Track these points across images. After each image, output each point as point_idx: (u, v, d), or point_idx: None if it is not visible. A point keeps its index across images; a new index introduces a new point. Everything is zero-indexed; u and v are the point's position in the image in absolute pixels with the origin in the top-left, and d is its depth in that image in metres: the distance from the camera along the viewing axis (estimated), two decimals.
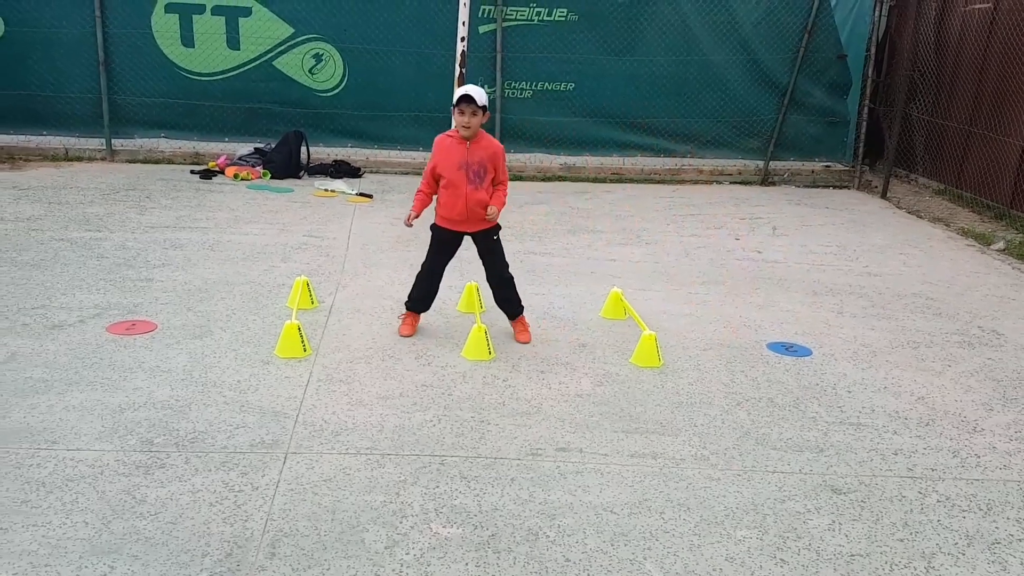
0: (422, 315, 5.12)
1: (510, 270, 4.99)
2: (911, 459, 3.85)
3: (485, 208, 4.75)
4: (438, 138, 4.83)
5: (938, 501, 3.52)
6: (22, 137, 9.53)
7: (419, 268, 5.03)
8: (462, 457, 3.65)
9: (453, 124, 4.75)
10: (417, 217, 4.82)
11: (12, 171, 8.81)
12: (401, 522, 3.16)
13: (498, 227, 4.93)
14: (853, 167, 10.62)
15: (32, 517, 3.05)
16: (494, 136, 9.85)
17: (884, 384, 4.67)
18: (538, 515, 3.25)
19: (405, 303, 5.07)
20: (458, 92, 4.65)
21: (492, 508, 3.28)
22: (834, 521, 3.33)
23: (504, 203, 4.83)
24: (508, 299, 5.02)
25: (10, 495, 3.17)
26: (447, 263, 5.01)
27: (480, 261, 4.98)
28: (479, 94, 4.62)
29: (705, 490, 3.49)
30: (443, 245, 4.94)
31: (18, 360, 4.33)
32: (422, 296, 5.02)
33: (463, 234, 4.90)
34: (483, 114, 4.67)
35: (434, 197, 4.90)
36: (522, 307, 5.06)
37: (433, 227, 4.95)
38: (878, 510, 3.42)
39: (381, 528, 3.11)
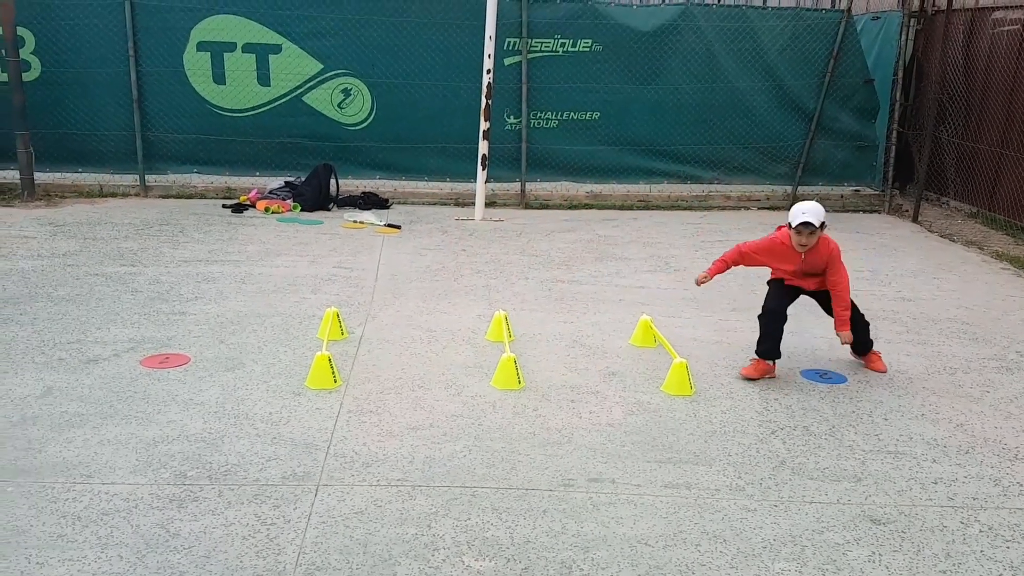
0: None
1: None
2: (951, 488, 3.77)
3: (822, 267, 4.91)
4: (776, 240, 4.97)
5: (980, 531, 3.43)
6: (58, 174, 9.72)
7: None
8: (493, 488, 3.63)
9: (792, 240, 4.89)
10: (708, 280, 5.09)
11: (48, 208, 8.99)
12: (433, 555, 3.14)
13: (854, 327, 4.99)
14: (883, 191, 10.52)
15: (68, 551, 3.07)
16: (520, 165, 9.99)
17: (921, 411, 4.59)
18: (571, 548, 3.21)
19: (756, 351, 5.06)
20: (798, 216, 4.74)
21: (524, 540, 3.25)
22: (874, 552, 3.26)
23: (846, 320, 4.94)
24: (860, 343, 5.10)
25: (46, 529, 3.20)
26: (788, 305, 5.09)
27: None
28: (816, 213, 4.74)
29: (741, 521, 3.43)
30: (778, 288, 5.12)
31: (54, 394, 4.39)
32: (764, 338, 5.02)
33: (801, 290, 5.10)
34: (821, 230, 4.80)
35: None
36: (868, 345, 5.13)
37: (770, 280, 5.19)
38: (919, 541, 3.35)
39: (413, 561, 3.10)
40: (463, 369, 4.95)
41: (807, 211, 4.74)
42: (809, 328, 5.88)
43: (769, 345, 4.96)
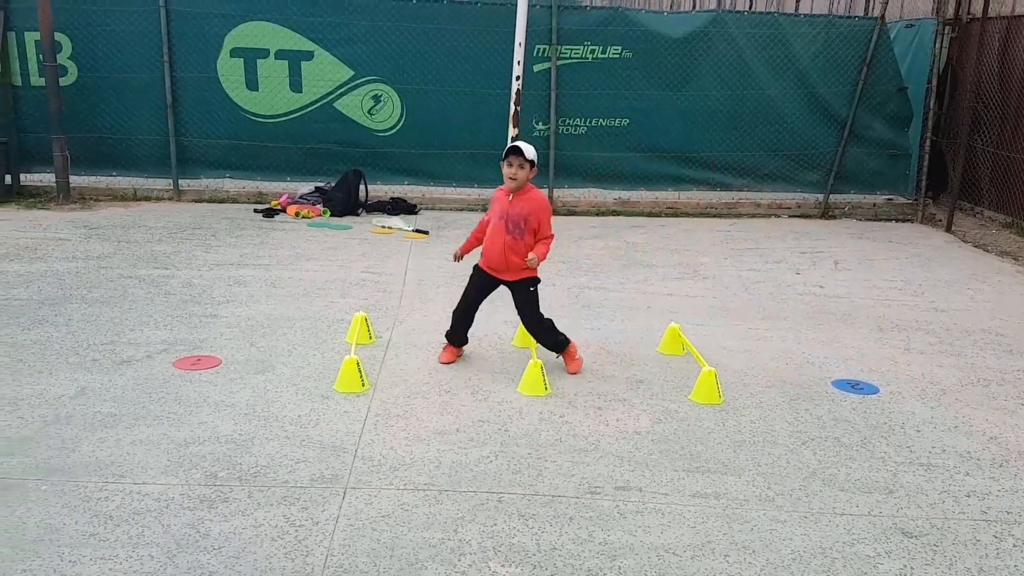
0: (465, 348, 5.25)
1: (547, 316, 5.07)
2: (985, 501, 3.71)
3: (522, 259, 4.82)
4: (496, 191, 4.97)
5: (1015, 545, 3.37)
6: (93, 178, 9.88)
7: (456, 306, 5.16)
8: (519, 494, 3.62)
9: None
10: (462, 255, 5.11)
11: (83, 211, 9.14)
12: (459, 560, 3.14)
13: (536, 280, 4.97)
14: (916, 200, 10.40)
15: (100, 550, 3.11)
16: (547, 171, 9.99)
17: (955, 423, 4.52)
18: (598, 555, 3.20)
19: (446, 334, 5.19)
20: (508, 146, 4.76)
21: (551, 547, 3.24)
22: (906, 566, 3.21)
23: (545, 255, 4.87)
24: (548, 346, 5.07)
25: (79, 528, 3.25)
26: (480, 302, 5.10)
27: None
28: (527, 148, 4.71)
29: (771, 532, 3.40)
30: (476, 286, 5.06)
31: (88, 395, 4.45)
32: (456, 332, 5.14)
33: (500, 281, 4.99)
34: (530, 168, 4.75)
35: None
36: (564, 343, 5.05)
37: (475, 267, 5.09)
38: (952, 555, 3.30)
39: (440, 566, 3.10)
40: (490, 374, 4.95)
41: (519, 143, 4.71)
42: (840, 337, 5.82)
43: (458, 332, 5.12)
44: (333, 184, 9.73)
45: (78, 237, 7.89)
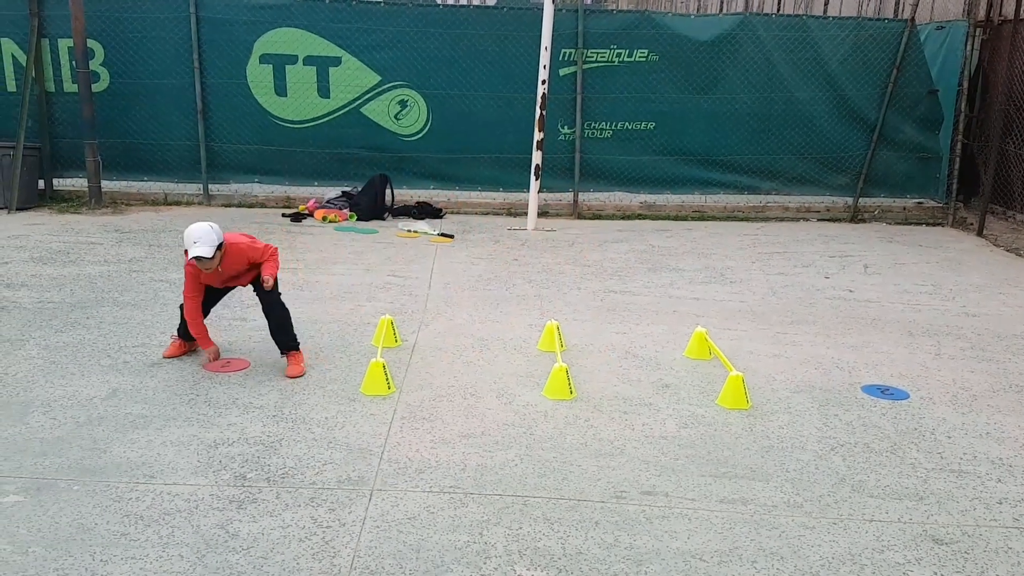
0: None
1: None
2: (1017, 508, 3.66)
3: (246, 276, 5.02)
4: (188, 269, 4.88)
5: None
6: (124, 183, 10.02)
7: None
8: (545, 498, 3.62)
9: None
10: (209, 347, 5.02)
11: (115, 215, 9.27)
12: (485, 563, 3.15)
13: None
14: (947, 204, 10.27)
15: (130, 550, 3.16)
16: (573, 175, 9.99)
17: (986, 429, 4.46)
18: (624, 560, 3.19)
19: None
20: (192, 249, 4.69)
21: (576, 552, 3.24)
22: (936, 573, 3.17)
23: (275, 271, 5.02)
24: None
25: (110, 528, 3.29)
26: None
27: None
28: (207, 248, 4.67)
29: (799, 539, 3.37)
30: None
31: (119, 396, 4.52)
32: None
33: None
34: (220, 252, 4.78)
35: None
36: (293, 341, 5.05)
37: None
38: (983, 562, 3.25)
39: (465, 568, 3.11)
40: (515, 378, 4.96)
41: (198, 240, 4.67)
42: (870, 342, 5.76)
43: (184, 327, 5.06)
44: (360, 189, 9.79)
45: (110, 241, 8.01)
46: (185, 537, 3.24)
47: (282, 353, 5.03)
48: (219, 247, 4.78)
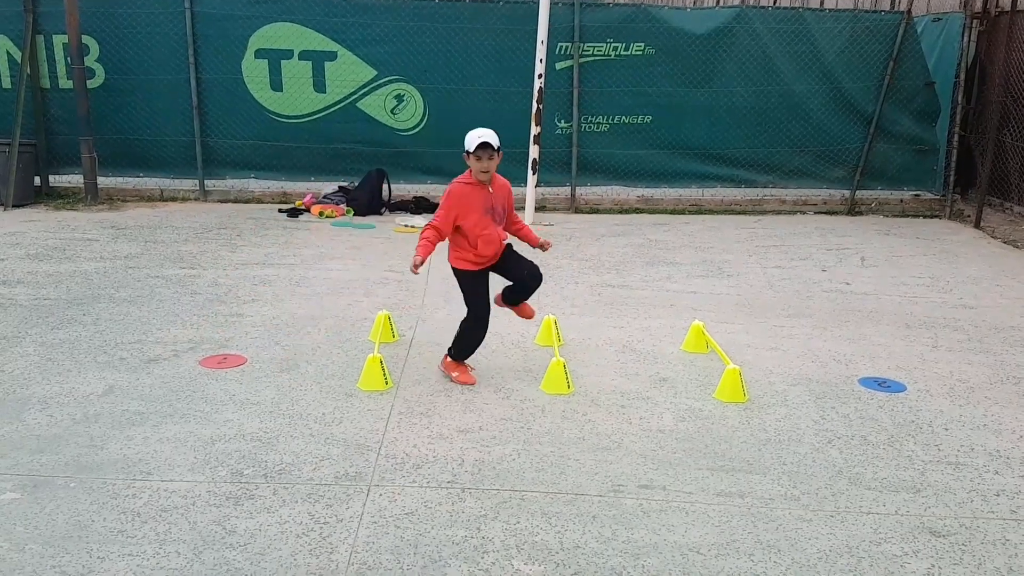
0: (487, 347, 5.09)
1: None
2: (1015, 500, 3.66)
3: (502, 243, 4.77)
4: (455, 187, 4.68)
5: None
6: (120, 179, 10.00)
7: (466, 319, 4.83)
8: (542, 492, 3.62)
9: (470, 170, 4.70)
10: (422, 262, 4.47)
11: (111, 211, 9.25)
12: (483, 558, 3.15)
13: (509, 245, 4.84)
14: (944, 196, 10.27)
15: (127, 546, 3.15)
16: (570, 169, 9.98)
17: (984, 421, 4.46)
18: (621, 554, 3.19)
19: (454, 354, 4.84)
20: (475, 138, 4.54)
21: (574, 546, 3.24)
22: (933, 565, 3.17)
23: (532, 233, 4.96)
24: (529, 291, 4.89)
25: (107, 524, 3.29)
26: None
27: (507, 275, 4.87)
28: (495, 138, 4.59)
29: (796, 531, 3.37)
30: (484, 286, 4.80)
31: (116, 393, 4.51)
32: (475, 345, 4.85)
33: (490, 269, 4.83)
34: (498, 155, 4.64)
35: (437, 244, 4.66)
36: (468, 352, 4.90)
37: (466, 274, 4.75)
38: (980, 554, 3.25)
39: (463, 563, 3.11)
40: (512, 373, 4.95)
41: (483, 134, 4.52)
42: (867, 335, 5.77)
43: (473, 351, 4.87)
44: (356, 184, 9.78)
45: (106, 237, 7.99)
46: (182, 534, 3.24)
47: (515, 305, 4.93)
48: (499, 150, 4.58)
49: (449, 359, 4.87)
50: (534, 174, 9.14)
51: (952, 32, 10.11)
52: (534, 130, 9.00)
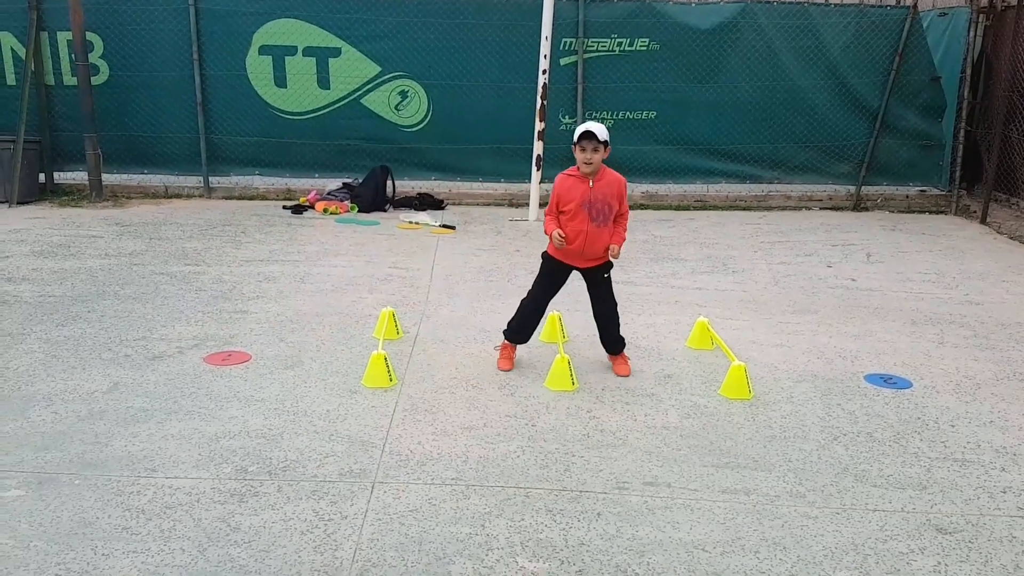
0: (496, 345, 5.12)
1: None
2: (1022, 497, 3.64)
3: (604, 248, 4.66)
4: (559, 177, 4.74)
5: None
6: (125, 176, 10.01)
7: (524, 296, 4.94)
8: (547, 490, 3.61)
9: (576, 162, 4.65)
10: (563, 236, 4.61)
11: (115, 208, 9.26)
12: (487, 555, 3.14)
13: (610, 265, 4.78)
14: (950, 192, 10.23)
15: (132, 543, 3.15)
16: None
17: (990, 418, 4.44)
18: (626, 551, 3.18)
19: (504, 331, 4.99)
20: (580, 129, 4.52)
21: (579, 543, 3.23)
22: (940, 562, 3.16)
23: (624, 239, 4.72)
24: (615, 338, 4.91)
25: (112, 521, 3.29)
26: (553, 296, 4.90)
27: (588, 296, 4.87)
28: (600, 130, 4.48)
29: (802, 529, 3.36)
30: (552, 276, 4.81)
31: (120, 390, 4.51)
32: (522, 327, 4.91)
33: (572, 268, 4.79)
34: (604, 150, 4.54)
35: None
36: (624, 343, 4.94)
37: (545, 256, 4.85)
38: (987, 551, 3.24)
39: (467, 561, 3.10)
40: (516, 370, 4.94)
41: (591, 125, 4.49)
42: (873, 331, 5.75)
43: (523, 333, 4.91)
44: (361, 180, 9.78)
45: (111, 234, 8.00)
46: (187, 531, 3.24)
47: (610, 355, 4.93)
48: (606, 144, 4.51)
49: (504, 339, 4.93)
50: (538, 170, 9.12)
51: (958, 27, 10.07)
52: (538, 126, 8.99)
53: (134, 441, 3.94)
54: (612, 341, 4.92)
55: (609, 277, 4.82)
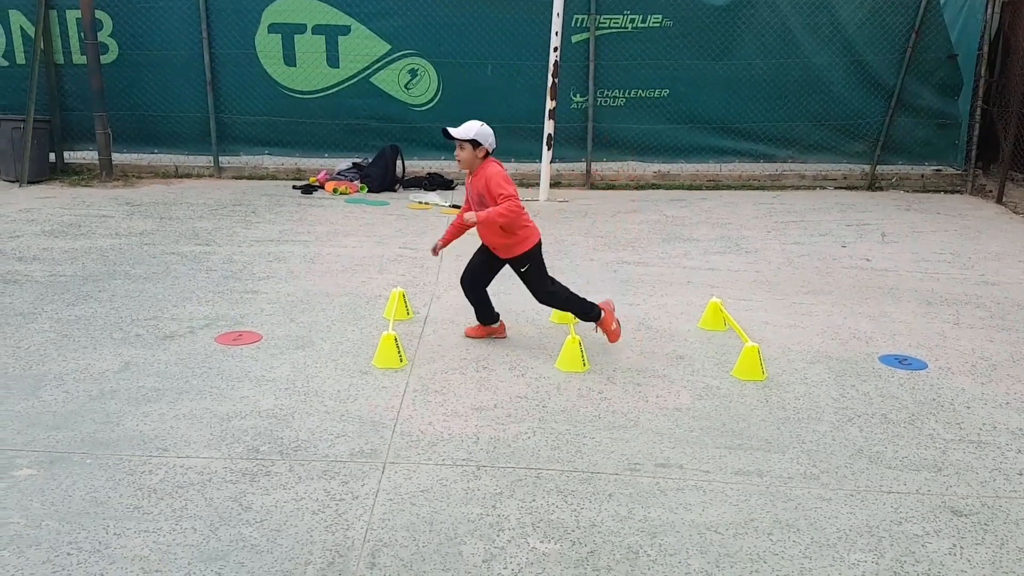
0: (502, 325, 5.14)
1: (562, 285, 4.91)
2: None
3: (500, 242, 4.75)
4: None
5: None
6: (134, 155, 10.00)
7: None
8: (558, 471, 3.60)
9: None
10: (441, 248, 5.03)
11: (126, 188, 9.25)
12: (498, 535, 3.13)
13: (527, 259, 4.77)
14: (965, 171, 10.11)
15: (144, 523, 3.16)
16: (585, 144, 9.88)
17: (1006, 399, 4.39)
18: (638, 533, 3.16)
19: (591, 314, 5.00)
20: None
21: (590, 524, 3.21)
22: (955, 545, 3.13)
23: (490, 218, 4.60)
24: (576, 315, 4.92)
25: (123, 501, 3.29)
26: (484, 277, 4.97)
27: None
28: (460, 129, 4.60)
29: (816, 510, 3.34)
30: (477, 258, 5.00)
31: (131, 370, 4.51)
32: (475, 310, 5.07)
33: (500, 260, 4.87)
34: (473, 147, 4.61)
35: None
36: (592, 314, 4.87)
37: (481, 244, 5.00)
38: (1003, 534, 3.21)
39: (479, 541, 3.09)
40: (527, 350, 4.92)
41: (464, 125, 4.62)
42: (887, 312, 5.69)
43: (479, 313, 5.02)
44: (370, 160, 9.73)
45: (121, 214, 8.00)
46: (198, 510, 3.24)
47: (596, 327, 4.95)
48: (473, 143, 4.60)
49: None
50: (549, 149, 9.05)
51: (975, 3, 9.89)
52: (549, 104, 8.91)
53: (145, 420, 3.94)
54: (579, 318, 4.93)
55: (528, 270, 4.81)
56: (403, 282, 6.00)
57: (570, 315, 5.27)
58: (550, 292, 4.86)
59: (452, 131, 4.62)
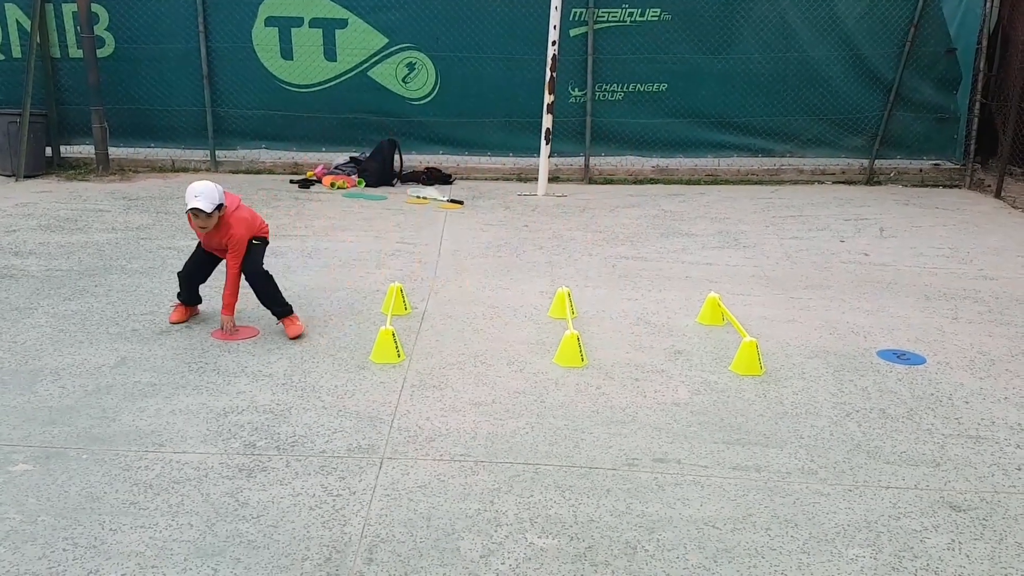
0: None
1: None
2: None
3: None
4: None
5: None
6: (131, 149, 9.96)
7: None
8: (556, 466, 3.59)
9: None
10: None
11: (122, 182, 9.22)
12: (496, 531, 3.12)
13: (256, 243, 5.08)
14: (964, 165, 10.10)
15: (140, 518, 3.14)
16: (584, 139, 9.85)
17: (1005, 394, 4.39)
18: (636, 528, 3.16)
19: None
20: (190, 201, 4.66)
21: (588, 519, 3.20)
22: (953, 540, 3.13)
23: (229, 302, 4.92)
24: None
25: (119, 496, 3.28)
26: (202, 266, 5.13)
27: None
28: (209, 199, 4.66)
29: (814, 506, 3.33)
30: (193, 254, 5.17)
31: (128, 364, 4.50)
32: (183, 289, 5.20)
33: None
34: (218, 213, 4.76)
35: None
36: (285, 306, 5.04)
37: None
38: (1002, 529, 3.20)
39: (476, 536, 3.08)
40: (525, 346, 4.91)
41: (199, 194, 4.63)
42: (886, 307, 5.69)
43: (184, 292, 5.16)
44: (368, 154, 9.70)
45: (118, 208, 7.97)
46: (195, 506, 3.23)
47: (278, 320, 5.05)
48: (219, 208, 4.76)
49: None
50: (547, 144, 9.03)
51: None
52: (547, 99, 8.88)
53: (142, 416, 3.93)
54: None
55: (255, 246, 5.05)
56: (401, 277, 5.98)
57: (567, 309, 5.27)
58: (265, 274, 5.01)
59: (204, 205, 4.64)
